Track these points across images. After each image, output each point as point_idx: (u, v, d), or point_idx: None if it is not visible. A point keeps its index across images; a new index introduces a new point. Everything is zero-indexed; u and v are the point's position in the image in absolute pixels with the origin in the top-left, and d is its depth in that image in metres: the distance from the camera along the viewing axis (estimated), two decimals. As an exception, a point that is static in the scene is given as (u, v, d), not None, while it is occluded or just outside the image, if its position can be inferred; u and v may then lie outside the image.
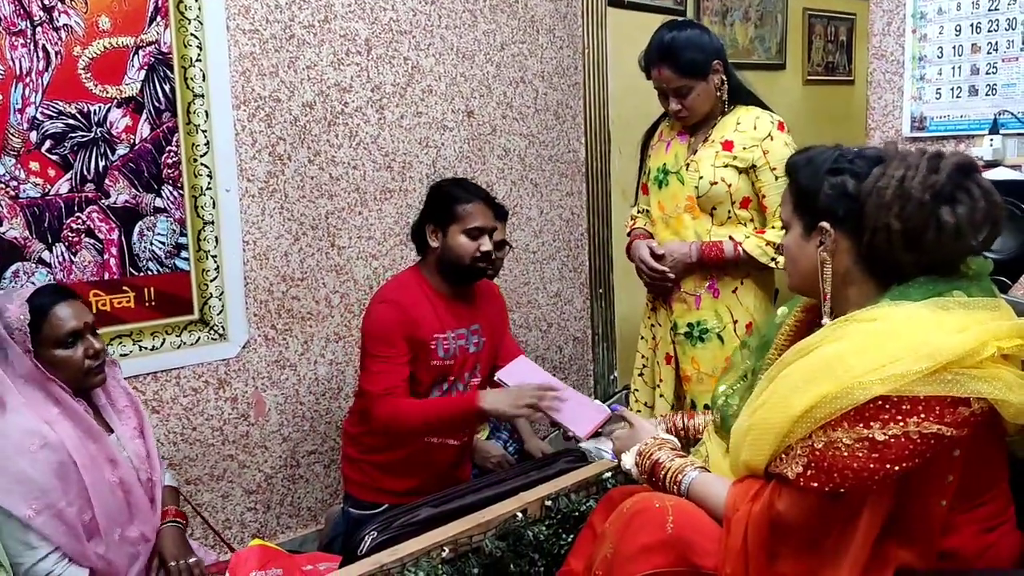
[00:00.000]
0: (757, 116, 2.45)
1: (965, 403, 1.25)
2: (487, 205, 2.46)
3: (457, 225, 2.40)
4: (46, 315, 1.91)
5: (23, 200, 2.38)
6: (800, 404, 1.31)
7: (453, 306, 2.48)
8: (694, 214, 2.48)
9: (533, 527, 1.88)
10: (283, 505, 2.98)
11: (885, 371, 1.26)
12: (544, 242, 3.77)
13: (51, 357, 1.91)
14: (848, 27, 5.65)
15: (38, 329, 1.90)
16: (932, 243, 1.36)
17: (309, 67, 2.91)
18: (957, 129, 2.91)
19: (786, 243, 1.55)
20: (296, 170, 2.91)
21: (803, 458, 1.31)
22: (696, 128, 2.52)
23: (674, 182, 2.50)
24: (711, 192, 2.42)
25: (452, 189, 2.50)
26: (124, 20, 2.50)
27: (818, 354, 1.37)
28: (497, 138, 3.52)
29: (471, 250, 2.40)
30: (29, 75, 2.36)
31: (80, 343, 1.95)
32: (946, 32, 2.91)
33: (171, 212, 2.64)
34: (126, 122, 2.53)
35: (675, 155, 2.52)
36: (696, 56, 2.39)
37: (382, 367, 2.37)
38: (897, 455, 1.24)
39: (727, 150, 2.42)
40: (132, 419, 2.11)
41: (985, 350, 1.27)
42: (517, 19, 3.54)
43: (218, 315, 2.75)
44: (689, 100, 2.43)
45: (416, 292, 2.45)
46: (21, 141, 2.37)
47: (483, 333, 2.54)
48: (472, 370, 2.53)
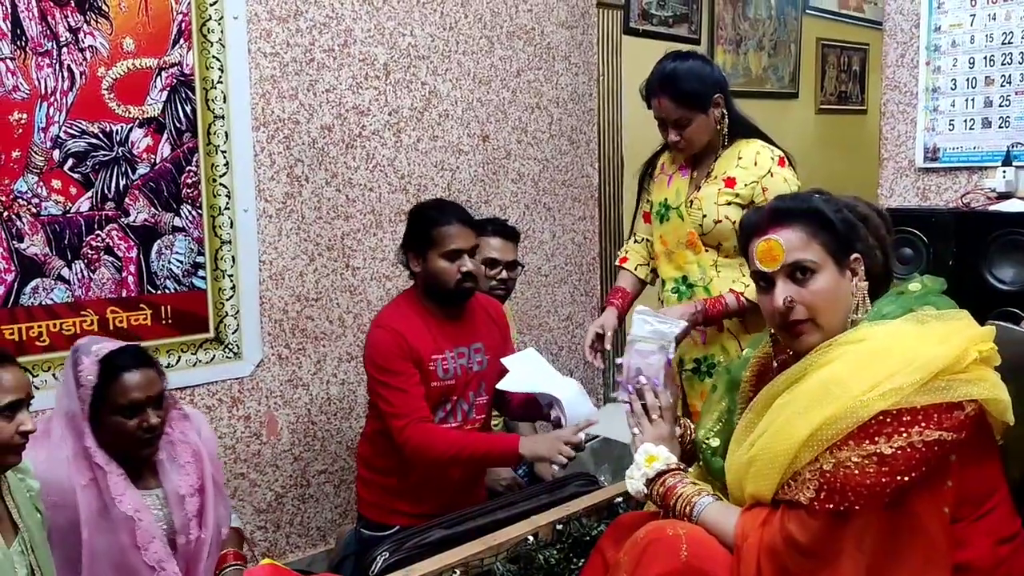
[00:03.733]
0: (758, 151, 2.37)
1: (959, 407, 1.32)
2: (464, 224, 2.44)
3: (435, 249, 2.39)
4: (115, 380, 1.92)
5: (44, 217, 2.42)
6: (804, 429, 1.34)
7: (450, 326, 2.48)
8: (696, 249, 2.41)
9: (544, 551, 1.88)
10: (293, 524, 2.99)
11: (883, 387, 1.31)
12: (556, 265, 3.78)
13: (107, 421, 1.92)
14: (861, 57, 5.69)
15: (103, 388, 1.91)
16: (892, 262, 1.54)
17: (328, 90, 2.95)
18: (970, 161, 2.93)
19: (820, 288, 1.47)
20: (313, 191, 2.94)
21: (813, 482, 1.33)
22: (697, 162, 2.46)
23: (675, 218, 2.44)
24: (716, 230, 2.37)
25: (427, 212, 2.47)
26: (148, 42, 2.54)
27: (813, 379, 1.41)
28: (512, 162, 3.55)
29: (453, 272, 2.38)
30: (54, 95, 2.40)
31: (138, 415, 1.93)
32: (960, 64, 2.93)
33: (189, 231, 2.67)
34: (147, 142, 2.57)
35: (676, 190, 2.45)
36: (696, 88, 2.33)
37: (398, 393, 2.36)
38: (906, 465, 1.29)
39: (729, 187, 2.36)
40: (191, 476, 2.05)
41: (968, 355, 1.35)
42: (533, 46, 3.58)
43: (233, 334, 2.78)
44: (688, 132, 2.35)
45: (411, 315, 2.44)
46: (44, 159, 2.40)
47: (486, 351, 2.53)
48: (477, 389, 2.52)
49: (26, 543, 1.78)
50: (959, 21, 2.92)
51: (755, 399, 1.53)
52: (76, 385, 1.92)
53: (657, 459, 1.63)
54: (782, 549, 1.36)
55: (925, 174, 3.02)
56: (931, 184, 3.02)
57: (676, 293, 2.45)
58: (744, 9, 4.82)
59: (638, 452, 1.66)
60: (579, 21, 3.77)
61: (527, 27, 3.55)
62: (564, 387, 2.42)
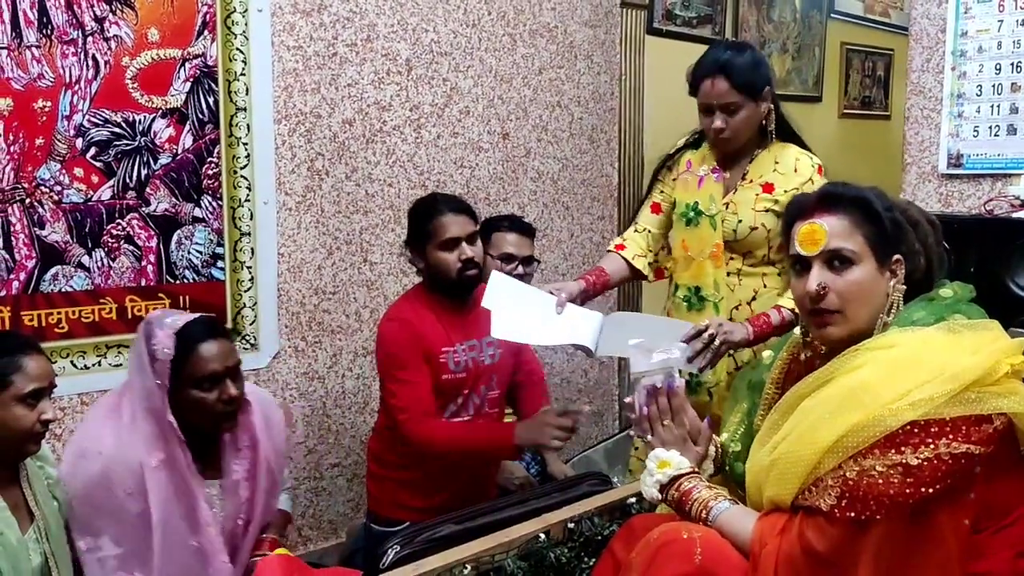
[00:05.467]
0: (797, 157, 2.32)
1: (988, 420, 1.29)
2: (457, 212, 2.42)
3: (432, 242, 2.39)
4: (192, 352, 1.87)
5: (66, 205, 2.43)
6: (829, 435, 1.32)
7: (461, 318, 2.46)
8: (716, 263, 2.34)
9: (555, 549, 1.87)
10: (305, 517, 2.99)
11: (913, 396, 1.28)
12: (573, 264, 3.78)
13: (186, 395, 1.88)
14: (886, 62, 5.65)
15: (180, 364, 1.86)
16: (935, 272, 1.51)
17: (350, 85, 2.95)
18: (994, 167, 2.89)
19: (856, 280, 1.44)
20: (333, 185, 2.94)
21: (835, 489, 1.31)
22: (730, 163, 2.38)
23: (705, 225, 2.35)
24: (750, 237, 2.30)
25: (420, 207, 2.47)
26: (172, 33, 2.56)
27: (840, 384, 1.38)
28: (531, 160, 3.54)
29: (452, 261, 2.37)
30: (78, 83, 2.42)
31: (217, 387, 1.89)
32: (986, 70, 2.90)
33: (209, 222, 2.68)
34: (169, 132, 2.58)
35: (710, 195, 2.36)
36: (753, 75, 2.27)
37: (404, 386, 2.37)
38: (931, 477, 1.26)
39: (767, 192, 2.30)
40: (246, 461, 2.02)
41: (1000, 368, 1.31)
42: (556, 44, 3.58)
43: (250, 325, 2.79)
44: (735, 120, 2.27)
45: (421, 308, 2.43)
46: (67, 147, 2.42)
47: (499, 345, 2.50)
48: (489, 383, 2.50)
49: (41, 531, 1.78)
50: (986, 26, 2.88)
51: (780, 400, 1.51)
52: (151, 360, 1.85)
53: (669, 464, 1.62)
54: (800, 558, 1.34)
55: (948, 180, 2.99)
56: (954, 190, 2.99)
57: (687, 302, 2.39)
58: (769, 11, 4.79)
59: (650, 458, 1.64)
60: (602, 20, 3.76)
61: (550, 25, 3.54)
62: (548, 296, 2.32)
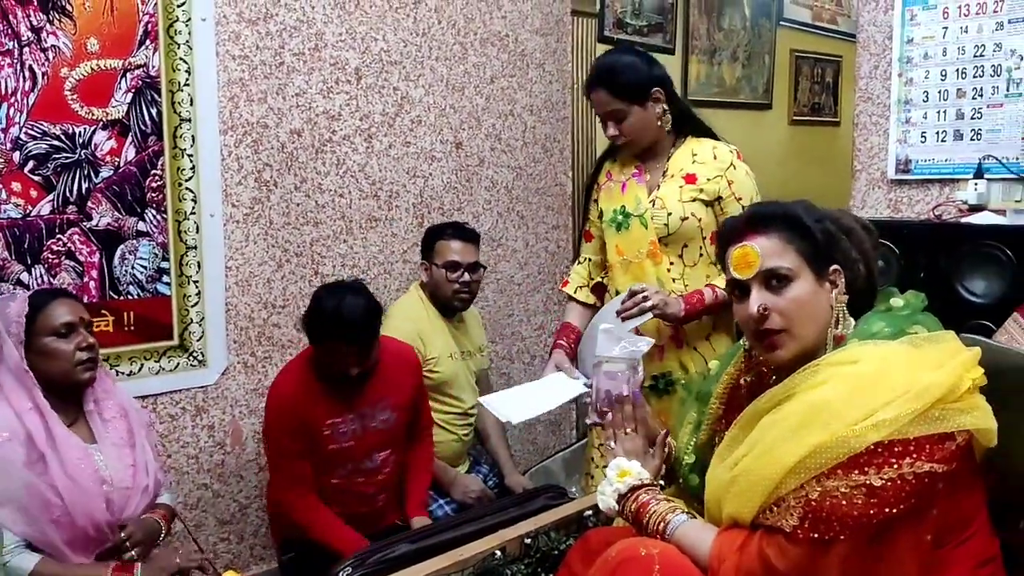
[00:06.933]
0: (714, 146, 2.35)
1: (951, 438, 1.28)
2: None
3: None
4: (43, 307, 1.99)
5: (3, 221, 2.35)
6: (792, 455, 1.30)
7: (351, 387, 2.42)
8: (656, 260, 2.34)
9: (512, 566, 1.84)
10: (257, 536, 2.93)
11: (877, 416, 1.26)
12: (529, 274, 3.75)
13: (44, 346, 1.97)
14: (835, 69, 5.71)
15: (34, 320, 1.97)
16: (875, 277, 1.52)
17: (298, 94, 2.90)
18: (942, 173, 2.93)
19: (796, 296, 1.43)
20: (282, 197, 2.89)
21: (798, 509, 1.30)
22: (649, 164, 2.40)
23: (636, 226, 2.36)
24: (682, 228, 2.30)
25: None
26: (113, 43, 2.49)
27: (802, 400, 1.36)
28: (485, 170, 3.52)
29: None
30: (14, 95, 2.35)
31: (74, 336, 2.00)
32: (932, 77, 2.93)
33: (154, 236, 2.61)
34: (111, 144, 2.51)
35: (635, 197, 2.37)
36: (631, 79, 2.28)
37: (281, 460, 2.44)
38: (895, 497, 1.25)
39: (691, 183, 2.31)
40: (119, 431, 2.09)
41: (963, 384, 1.31)
42: (507, 53, 3.56)
43: (198, 341, 2.72)
44: (626, 126, 2.31)
45: (311, 380, 2.41)
46: (3, 161, 2.34)
47: (393, 409, 2.51)
48: (381, 447, 2.51)
49: None
50: (931, 33, 2.92)
51: (740, 415, 1.49)
52: (7, 327, 1.95)
53: (630, 473, 1.60)
54: (760, 575, 1.33)
55: (897, 186, 3.02)
56: (903, 196, 3.02)
57: None
58: (719, 20, 4.82)
59: (610, 466, 1.62)
60: (553, 29, 3.75)
61: (501, 34, 3.52)
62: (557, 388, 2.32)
